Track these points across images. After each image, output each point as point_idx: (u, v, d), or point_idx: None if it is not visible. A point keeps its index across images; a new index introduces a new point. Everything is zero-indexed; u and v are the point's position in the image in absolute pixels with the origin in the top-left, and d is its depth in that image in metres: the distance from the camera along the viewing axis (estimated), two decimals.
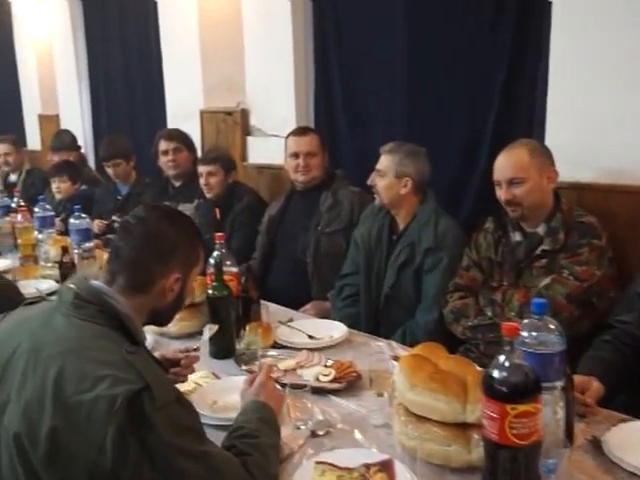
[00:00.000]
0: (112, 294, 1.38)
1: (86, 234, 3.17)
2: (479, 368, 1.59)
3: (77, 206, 3.25)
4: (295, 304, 2.79)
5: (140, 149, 4.72)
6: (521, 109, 2.69)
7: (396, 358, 1.92)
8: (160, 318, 1.53)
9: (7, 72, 7.10)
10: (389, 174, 2.59)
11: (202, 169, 3.48)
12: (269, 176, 3.79)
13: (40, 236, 3.48)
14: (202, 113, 4.21)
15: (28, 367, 1.26)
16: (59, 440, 1.17)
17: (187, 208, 3.82)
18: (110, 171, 4.22)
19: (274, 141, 3.74)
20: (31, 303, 1.60)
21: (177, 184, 3.93)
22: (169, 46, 4.41)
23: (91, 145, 5.78)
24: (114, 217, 4.04)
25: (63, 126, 6.02)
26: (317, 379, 1.95)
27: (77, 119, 5.85)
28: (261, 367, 1.75)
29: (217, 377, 2.01)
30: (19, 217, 3.37)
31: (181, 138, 3.86)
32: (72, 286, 1.38)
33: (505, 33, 2.70)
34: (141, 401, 1.18)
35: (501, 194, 2.25)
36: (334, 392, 1.89)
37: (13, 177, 5.64)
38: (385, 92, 3.25)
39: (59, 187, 4.53)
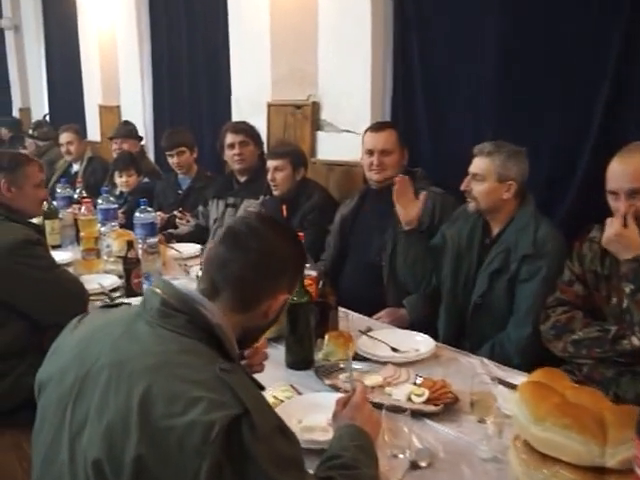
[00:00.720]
0: (204, 303, 1.22)
1: (152, 228, 3.05)
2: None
3: (143, 199, 3.12)
4: (367, 310, 2.61)
5: (202, 143, 4.64)
6: (633, 108, 2.44)
7: (503, 382, 1.71)
8: (250, 338, 1.37)
9: (71, 62, 7.12)
10: (490, 178, 2.37)
11: (270, 164, 3.32)
12: (339, 173, 3.60)
13: (103, 229, 3.38)
14: (269, 106, 4.05)
15: (110, 384, 1.10)
16: (146, 469, 1.02)
17: (252, 204, 3.68)
18: (173, 160, 4.10)
19: (346, 137, 3.56)
20: (109, 306, 1.45)
21: (242, 179, 3.78)
22: (237, 34, 4.26)
23: (151, 138, 5.69)
24: (175, 212, 3.92)
25: (124, 117, 5.97)
26: (409, 399, 1.76)
27: (138, 111, 5.77)
28: (354, 386, 1.56)
29: (298, 392, 1.84)
30: (82, 209, 3.27)
31: (248, 131, 3.71)
32: (158, 291, 1.22)
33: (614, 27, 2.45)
34: (240, 429, 1.01)
35: (618, 206, 2.00)
36: (430, 415, 1.70)
37: (75, 167, 5.61)
38: (472, 91, 3.02)
39: (127, 181, 4.44)
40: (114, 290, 2.88)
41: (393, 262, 2.80)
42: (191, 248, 3.49)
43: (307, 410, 1.67)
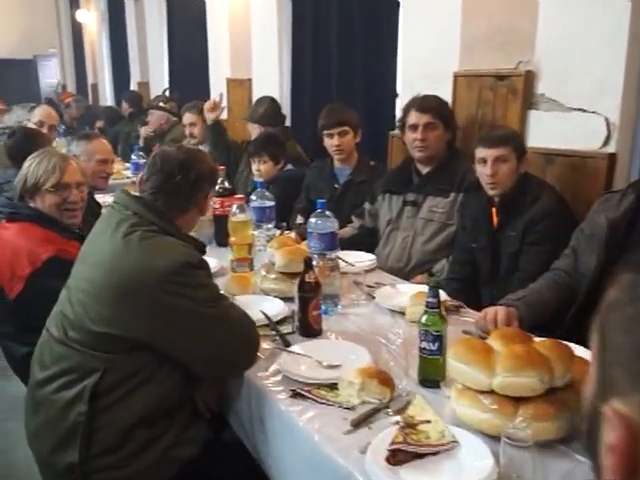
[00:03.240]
0: None
1: (331, 241, 2.26)
2: None
3: (321, 201, 2.33)
4: None
5: None
6: None
7: None
8: None
9: (195, 32, 6.52)
10: None
11: (485, 153, 2.45)
12: (563, 167, 2.70)
13: (257, 233, 2.65)
14: (456, 77, 3.18)
15: None
16: None
17: (438, 204, 2.86)
18: (333, 142, 3.30)
19: (576, 118, 2.64)
20: None
21: (425, 170, 2.95)
22: None
23: (288, 118, 4.92)
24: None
25: (257, 92, 5.26)
26: None
27: (274, 85, 5.02)
28: None
29: None
30: (234, 208, 2.52)
31: (439, 110, 2.88)
32: None
33: None
34: None
35: None
36: None
37: (206, 149, 4.95)
38: None
39: (259, 169, 3.73)
40: (281, 322, 2.14)
41: None
42: (362, 258, 2.71)
43: None
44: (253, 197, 2.68)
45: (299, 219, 2.81)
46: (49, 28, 14.46)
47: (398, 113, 3.72)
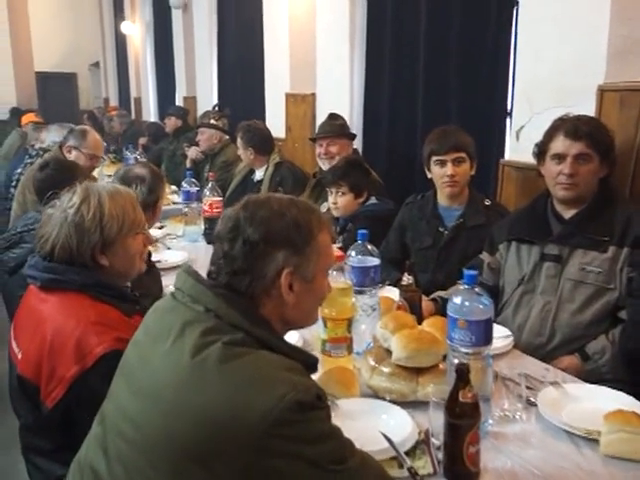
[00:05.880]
0: None
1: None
2: None
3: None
4: None
5: None
6: None
7: None
8: None
9: (248, 44, 5.94)
10: None
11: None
12: None
13: (362, 300, 1.97)
14: (603, 91, 2.46)
15: None
16: None
17: (593, 261, 2.14)
18: (445, 171, 2.59)
19: None
20: None
21: (569, 214, 2.24)
22: None
23: (359, 141, 4.24)
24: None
25: (321, 109, 4.60)
26: None
27: (343, 100, 4.34)
28: None
29: None
30: (333, 273, 1.82)
31: (596, 137, 2.15)
32: None
33: None
34: None
35: None
36: None
37: (259, 174, 4.33)
38: None
39: (336, 202, 3.08)
40: (411, 451, 1.44)
41: None
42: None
43: None
44: (352, 253, 1.99)
45: (406, 279, 2.11)
46: (93, 41, 14.19)
47: (510, 136, 3.05)
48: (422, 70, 3.66)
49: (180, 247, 3.30)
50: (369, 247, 2.07)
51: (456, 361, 1.48)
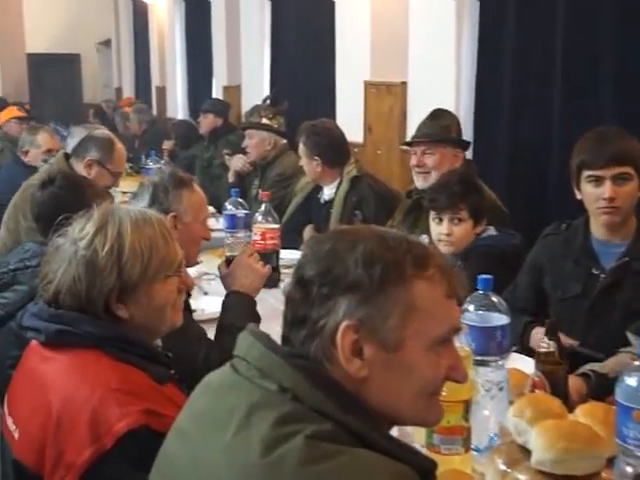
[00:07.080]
0: None
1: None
2: None
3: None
4: None
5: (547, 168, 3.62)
6: None
7: None
8: None
9: (309, 27, 6.27)
10: None
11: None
12: None
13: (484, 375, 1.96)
14: None
15: None
16: None
17: None
18: (602, 191, 2.59)
19: None
20: None
21: None
22: None
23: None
24: None
25: (414, 103, 4.68)
26: None
27: (447, 94, 4.43)
28: None
29: None
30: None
31: None
32: None
33: None
34: None
35: None
36: None
37: (328, 192, 4.38)
38: None
39: (450, 233, 3.06)
40: None
41: None
42: None
43: None
44: (469, 307, 1.97)
45: (546, 344, 2.08)
46: (102, 12, 14.72)
47: None
48: (560, 50, 3.68)
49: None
50: (494, 299, 2.06)
51: (630, 470, 1.46)
